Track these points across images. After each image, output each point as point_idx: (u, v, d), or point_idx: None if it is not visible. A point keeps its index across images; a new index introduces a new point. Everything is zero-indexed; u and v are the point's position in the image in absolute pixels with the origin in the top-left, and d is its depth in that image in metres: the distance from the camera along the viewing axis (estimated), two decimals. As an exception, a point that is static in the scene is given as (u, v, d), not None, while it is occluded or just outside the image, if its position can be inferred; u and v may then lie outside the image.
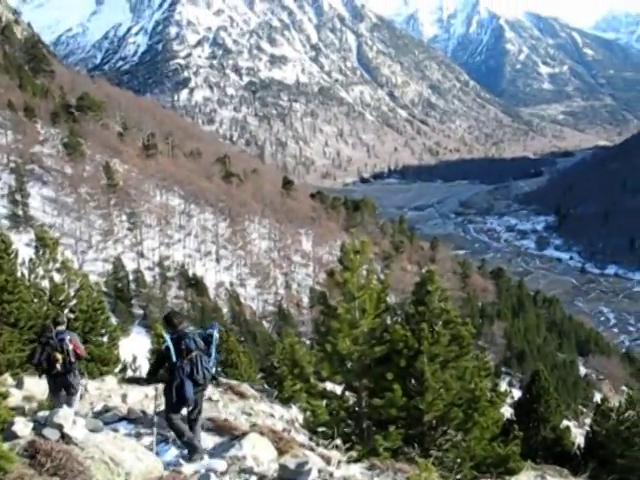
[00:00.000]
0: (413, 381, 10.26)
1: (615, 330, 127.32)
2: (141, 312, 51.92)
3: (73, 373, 9.74)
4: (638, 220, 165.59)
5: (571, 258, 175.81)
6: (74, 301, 16.15)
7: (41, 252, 15.69)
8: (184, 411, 7.78)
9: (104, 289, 46.39)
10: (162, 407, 7.94)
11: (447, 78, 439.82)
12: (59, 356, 9.47)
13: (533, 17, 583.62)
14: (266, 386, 21.31)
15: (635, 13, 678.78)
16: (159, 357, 7.70)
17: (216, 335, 7.77)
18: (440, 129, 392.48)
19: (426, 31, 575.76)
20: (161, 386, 7.90)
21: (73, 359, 9.64)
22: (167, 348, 7.39)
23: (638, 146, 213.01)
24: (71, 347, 9.58)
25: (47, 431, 6.49)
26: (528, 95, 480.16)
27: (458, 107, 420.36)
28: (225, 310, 57.67)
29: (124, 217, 65.77)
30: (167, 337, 7.46)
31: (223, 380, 16.06)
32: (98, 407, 10.38)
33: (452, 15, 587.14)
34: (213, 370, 7.83)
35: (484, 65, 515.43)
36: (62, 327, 9.91)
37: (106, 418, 9.27)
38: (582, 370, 71.24)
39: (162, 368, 7.76)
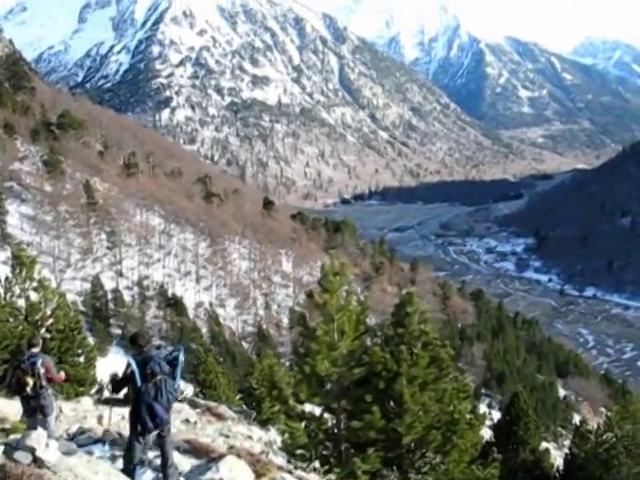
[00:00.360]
0: (392, 403, 10.21)
1: (594, 352, 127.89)
2: (119, 332, 51.46)
3: (42, 396, 9.48)
4: (616, 242, 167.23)
5: (550, 280, 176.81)
6: (50, 320, 15.91)
7: (18, 270, 15.48)
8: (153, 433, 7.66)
9: (82, 308, 45.97)
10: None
11: (428, 100, 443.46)
12: (29, 380, 9.21)
13: (513, 42, 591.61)
14: (245, 407, 21.14)
15: (612, 39, 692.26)
16: (123, 378, 7.56)
17: (181, 358, 7.61)
18: (421, 151, 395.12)
19: (408, 54, 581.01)
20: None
21: (44, 383, 9.38)
22: (132, 372, 7.26)
23: (616, 170, 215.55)
24: (42, 371, 9.34)
25: (19, 454, 6.35)
26: (508, 118, 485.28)
27: (439, 129, 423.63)
28: (204, 330, 57.35)
29: (103, 236, 65.33)
30: (132, 361, 7.33)
31: (201, 401, 15.92)
32: (73, 429, 10.21)
33: (433, 38, 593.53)
34: (177, 393, 7.71)
35: (465, 88, 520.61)
36: (36, 349, 9.68)
37: (81, 440, 9.11)
38: (561, 392, 71.35)
39: (123, 389, 7.66)
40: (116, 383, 7.65)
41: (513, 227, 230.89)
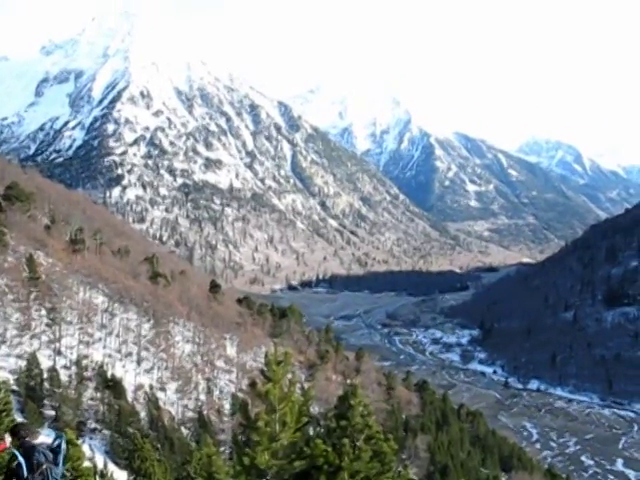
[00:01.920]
0: (333, 499, 9.84)
1: (538, 446, 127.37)
2: (53, 413, 49.53)
3: None
4: (559, 336, 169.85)
5: (495, 372, 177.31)
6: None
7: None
8: None
9: (14, 387, 44.29)
10: None
11: (378, 191, 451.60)
12: None
13: (462, 137, 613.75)
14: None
15: (554, 140, 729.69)
16: (8, 475, 7.37)
17: (63, 445, 7.61)
18: (369, 240, 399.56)
19: (360, 144, 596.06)
20: None
21: None
22: (19, 465, 7.15)
23: (558, 264, 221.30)
24: None
25: None
26: (455, 211, 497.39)
27: (388, 220, 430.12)
28: (143, 414, 55.56)
29: (43, 312, 63.56)
30: (17, 453, 7.24)
31: (134, 490, 15.18)
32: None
33: (385, 131, 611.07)
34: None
35: (414, 180, 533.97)
36: None
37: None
38: (505, 487, 70.70)
39: None
40: None
41: (459, 318, 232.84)
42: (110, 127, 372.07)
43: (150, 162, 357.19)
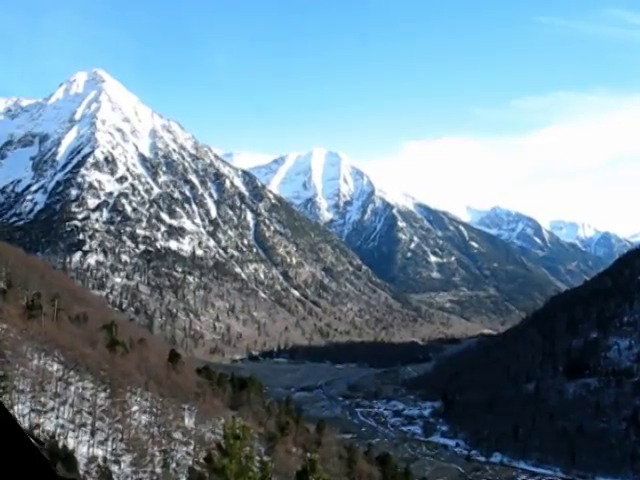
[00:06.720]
0: None
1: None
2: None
3: None
4: (521, 408, 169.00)
5: (457, 445, 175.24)
6: None
7: None
8: None
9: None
10: None
11: (341, 262, 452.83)
12: None
13: (424, 209, 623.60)
14: None
15: (515, 212, 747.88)
16: None
17: None
18: (331, 311, 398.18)
19: (323, 215, 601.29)
20: None
21: None
22: None
23: (519, 336, 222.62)
24: None
25: None
26: (418, 282, 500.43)
27: (350, 290, 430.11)
28: (94, 488, 53.36)
29: (-6, 380, 61.49)
30: None
31: None
32: None
33: (348, 202, 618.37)
34: None
35: (377, 251, 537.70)
36: None
37: None
38: None
39: None
40: None
41: (421, 390, 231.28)
42: (73, 192, 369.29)
43: (112, 228, 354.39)
